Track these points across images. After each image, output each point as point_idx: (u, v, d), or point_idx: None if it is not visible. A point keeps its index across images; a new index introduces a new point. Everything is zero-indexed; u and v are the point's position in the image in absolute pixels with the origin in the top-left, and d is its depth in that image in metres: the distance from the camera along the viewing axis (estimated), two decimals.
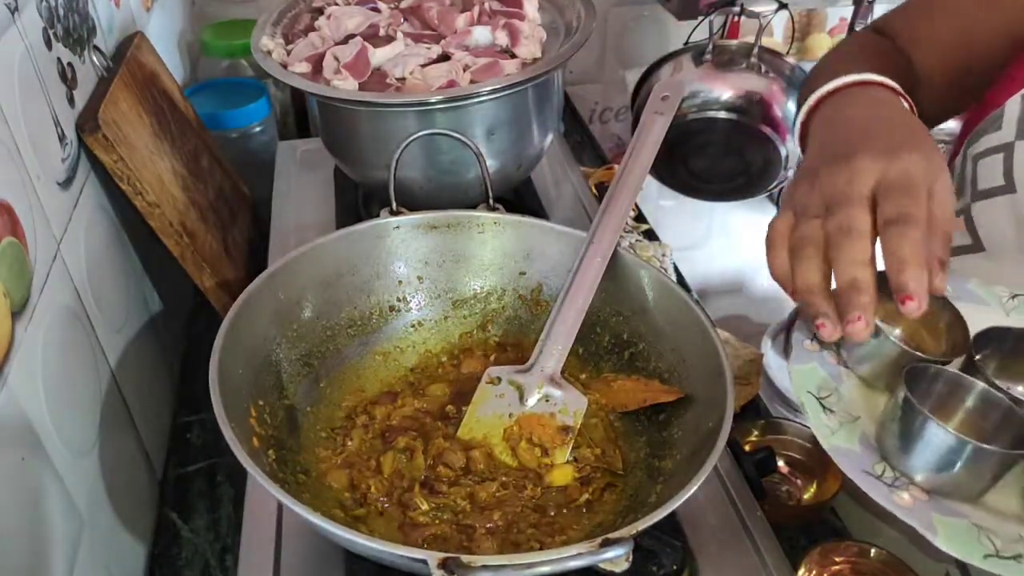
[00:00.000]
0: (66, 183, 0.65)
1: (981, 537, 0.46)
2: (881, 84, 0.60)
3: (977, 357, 0.52)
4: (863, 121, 0.57)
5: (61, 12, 0.69)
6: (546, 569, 0.41)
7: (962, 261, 0.66)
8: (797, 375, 0.54)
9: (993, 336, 0.54)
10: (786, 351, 0.55)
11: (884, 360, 0.53)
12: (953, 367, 0.53)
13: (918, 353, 0.52)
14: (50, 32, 0.66)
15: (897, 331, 0.56)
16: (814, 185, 0.52)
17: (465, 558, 0.41)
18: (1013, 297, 0.61)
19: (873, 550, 0.60)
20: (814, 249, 0.49)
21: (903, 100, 0.61)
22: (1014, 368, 0.55)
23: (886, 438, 0.50)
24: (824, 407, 0.52)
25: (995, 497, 0.49)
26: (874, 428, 0.52)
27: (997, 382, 0.51)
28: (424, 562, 0.41)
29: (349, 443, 0.59)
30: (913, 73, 0.71)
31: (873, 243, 0.49)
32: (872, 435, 0.51)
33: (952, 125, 1.38)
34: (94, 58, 0.76)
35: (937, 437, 0.47)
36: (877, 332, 0.52)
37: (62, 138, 0.65)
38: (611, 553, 0.42)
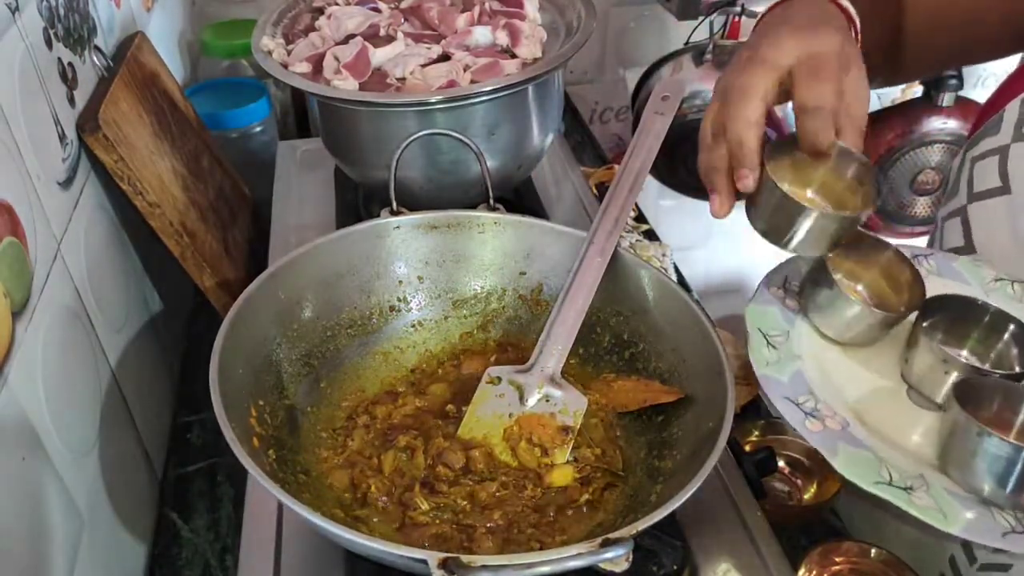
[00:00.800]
0: (66, 183, 0.65)
1: (881, 468, 0.49)
2: (835, 2, 0.59)
3: (924, 324, 0.55)
4: (798, 16, 0.57)
5: (61, 12, 0.69)
6: (546, 569, 0.41)
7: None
8: (753, 314, 0.57)
9: (937, 304, 0.57)
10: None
11: (838, 312, 0.55)
12: (907, 324, 0.56)
13: (875, 310, 0.55)
14: (51, 32, 0.66)
15: (860, 286, 0.59)
16: (736, 65, 0.54)
17: (465, 558, 0.41)
18: (996, 280, 0.62)
19: (873, 550, 0.60)
20: (721, 134, 0.53)
21: (852, 26, 0.59)
22: (956, 333, 0.58)
23: (973, 479, 0.49)
24: (768, 343, 0.56)
25: (916, 441, 0.52)
26: (816, 372, 0.55)
27: (945, 348, 0.54)
28: (424, 562, 0.41)
29: (350, 443, 0.59)
30: (903, 26, 0.69)
31: (768, 107, 0.52)
32: (808, 377, 0.54)
33: (953, 125, 1.38)
34: (94, 58, 0.76)
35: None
36: (832, 284, 0.55)
37: (62, 138, 0.65)
38: (611, 553, 0.42)
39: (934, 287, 0.58)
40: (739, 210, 0.58)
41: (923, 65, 0.77)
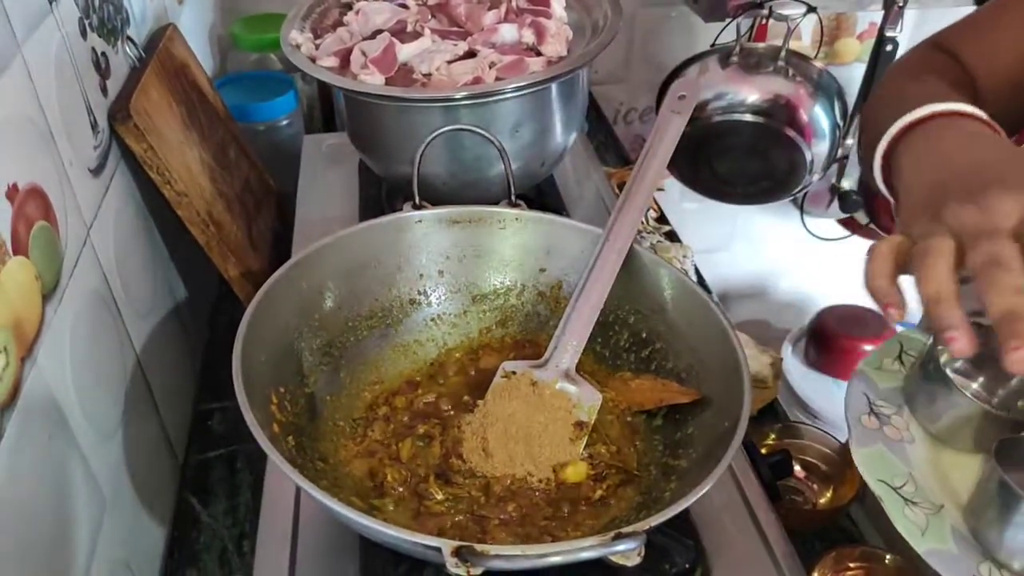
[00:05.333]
0: (97, 170, 0.66)
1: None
2: (971, 116, 0.55)
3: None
4: (976, 157, 0.51)
5: (96, 3, 0.71)
6: (558, 559, 0.41)
7: None
8: (865, 461, 0.51)
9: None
10: (849, 430, 0.53)
11: (960, 417, 0.51)
12: None
13: (994, 411, 0.50)
14: (85, 22, 0.67)
15: (974, 385, 0.54)
16: (937, 219, 0.47)
17: (479, 547, 0.41)
18: None
19: (888, 556, 0.60)
20: (944, 259, 0.45)
21: (998, 132, 0.55)
22: None
23: (983, 528, 0.47)
24: (905, 499, 0.49)
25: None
26: (961, 515, 0.49)
27: None
28: (438, 550, 0.41)
29: (371, 433, 0.60)
30: (977, 94, 0.66)
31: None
32: (962, 525, 0.49)
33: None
34: (127, 48, 0.77)
35: None
36: (950, 385, 0.50)
37: (94, 126, 0.67)
38: (623, 546, 0.42)
39: None
40: (762, 212, 0.57)
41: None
